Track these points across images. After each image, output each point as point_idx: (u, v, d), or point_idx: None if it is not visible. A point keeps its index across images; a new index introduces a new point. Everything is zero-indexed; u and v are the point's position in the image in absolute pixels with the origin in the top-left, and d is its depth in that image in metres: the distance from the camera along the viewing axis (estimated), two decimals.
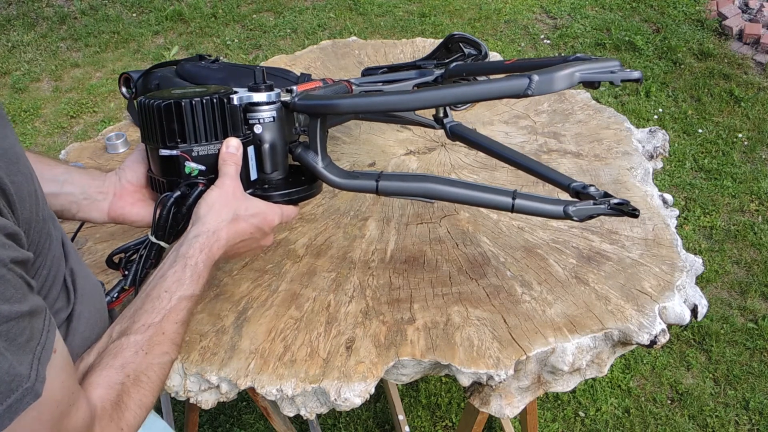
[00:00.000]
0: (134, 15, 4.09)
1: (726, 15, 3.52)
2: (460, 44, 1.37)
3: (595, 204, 0.79)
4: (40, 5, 4.16)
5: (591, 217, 0.80)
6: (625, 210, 0.77)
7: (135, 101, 0.81)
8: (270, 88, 0.84)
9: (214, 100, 0.79)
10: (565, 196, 0.87)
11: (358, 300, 0.92)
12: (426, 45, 1.67)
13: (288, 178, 0.89)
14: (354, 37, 1.74)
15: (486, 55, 1.37)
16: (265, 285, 0.95)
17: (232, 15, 3.99)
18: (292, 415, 0.84)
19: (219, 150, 0.81)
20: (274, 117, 0.84)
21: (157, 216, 0.80)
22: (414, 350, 0.84)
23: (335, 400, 0.79)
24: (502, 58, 1.59)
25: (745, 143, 2.84)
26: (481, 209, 1.10)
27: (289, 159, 0.90)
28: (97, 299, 0.75)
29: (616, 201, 0.78)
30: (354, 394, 0.79)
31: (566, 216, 0.79)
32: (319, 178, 0.87)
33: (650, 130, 1.26)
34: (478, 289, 0.93)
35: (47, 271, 0.63)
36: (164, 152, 0.79)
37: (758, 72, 3.24)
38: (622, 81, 0.70)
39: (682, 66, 3.29)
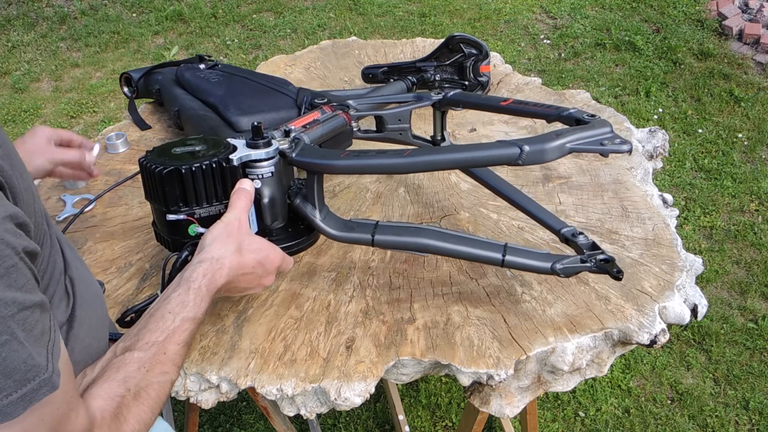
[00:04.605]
0: (134, 15, 4.09)
1: (726, 15, 3.52)
2: (461, 45, 1.38)
3: (582, 262, 0.81)
4: (40, 5, 4.16)
5: (577, 273, 0.83)
6: (610, 270, 0.79)
7: (138, 162, 0.83)
8: (268, 144, 0.84)
9: (213, 165, 0.80)
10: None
11: (358, 300, 0.92)
12: (426, 45, 1.67)
13: (288, 227, 0.90)
14: (354, 37, 1.74)
15: (487, 55, 1.38)
16: None
17: (232, 15, 3.99)
18: (292, 414, 0.84)
19: (221, 210, 0.82)
20: (272, 172, 0.85)
21: (166, 275, 0.82)
22: (414, 350, 0.84)
23: (335, 399, 0.79)
24: (502, 58, 1.59)
25: (745, 143, 2.84)
26: (481, 209, 1.10)
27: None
28: (99, 306, 0.75)
29: (602, 257, 0.81)
30: (354, 394, 0.79)
31: (553, 272, 0.82)
32: (317, 230, 0.88)
33: (650, 130, 1.26)
34: (478, 288, 0.93)
35: (45, 266, 0.64)
36: (171, 217, 0.81)
37: (758, 72, 3.24)
38: (611, 153, 0.72)
39: (682, 66, 3.29)
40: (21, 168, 0.61)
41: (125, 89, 1.44)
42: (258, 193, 0.85)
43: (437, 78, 1.41)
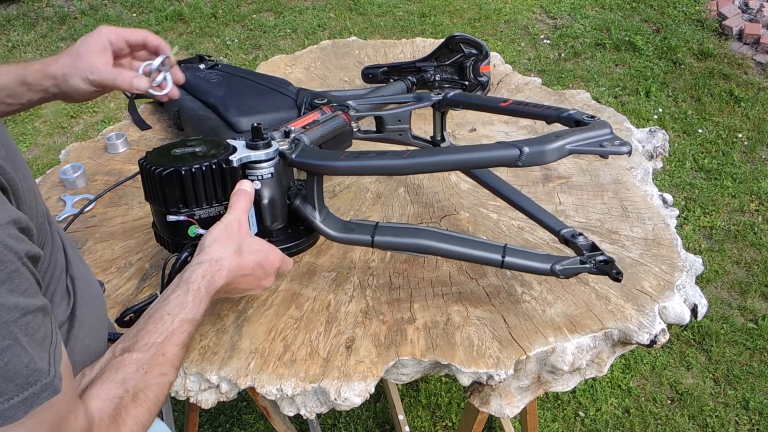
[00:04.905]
0: (134, 15, 4.09)
1: (726, 15, 3.52)
2: (461, 45, 1.38)
3: (582, 263, 0.81)
4: (40, 5, 4.16)
5: (576, 274, 0.83)
6: (609, 271, 0.80)
7: (138, 163, 0.83)
8: (268, 145, 0.84)
9: (213, 166, 0.80)
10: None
11: (358, 300, 0.92)
12: (426, 45, 1.67)
13: (287, 228, 0.90)
14: (354, 37, 1.74)
15: (487, 55, 1.38)
16: None
17: (232, 15, 3.99)
18: (292, 414, 0.84)
19: (221, 212, 0.82)
20: (272, 173, 0.85)
21: (165, 276, 0.82)
22: (414, 350, 0.84)
23: (335, 399, 0.79)
24: (502, 58, 1.59)
25: (745, 143, 2.84)
26: (481, 209, 1.10)
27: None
28: (99, 306, 0.75)
29: (602, 259, 0.81)
30: (354, 394, 0.79)
31: (553, 274, 0.82)
32: (317, 231, 0.89)
33: (650, 130, 1.26)
34: (478, 288, 0.93)
35: (47, 265, 0.64)
36: (172, 218, 0.81)
37: (758, 72, 3.24)
38: (610, 154, 0.72)
39: (682, 66, 3.29)
40: (24, 169, 0.61)
41: None
42: (258, 194, 0.85)
43: (437, 78, 1.41)
